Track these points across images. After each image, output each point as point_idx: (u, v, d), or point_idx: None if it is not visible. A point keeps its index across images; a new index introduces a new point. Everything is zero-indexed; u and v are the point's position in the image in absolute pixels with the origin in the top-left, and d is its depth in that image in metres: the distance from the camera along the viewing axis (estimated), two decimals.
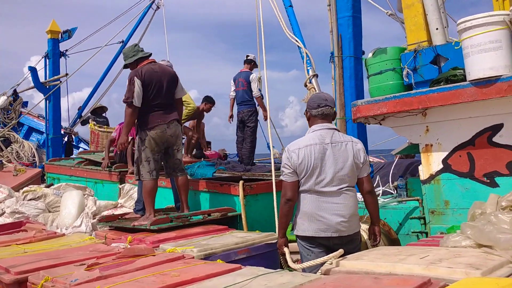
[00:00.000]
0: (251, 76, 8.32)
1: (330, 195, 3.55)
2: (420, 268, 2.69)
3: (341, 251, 3.29)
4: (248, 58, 8.56)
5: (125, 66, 5.79)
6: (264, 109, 8.35)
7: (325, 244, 3.60)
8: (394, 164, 7.60)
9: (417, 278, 2.46)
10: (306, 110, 3.80)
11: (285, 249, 3.75)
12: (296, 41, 7.07)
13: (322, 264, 3.18)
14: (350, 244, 3.64)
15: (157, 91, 5.40)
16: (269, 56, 8.65)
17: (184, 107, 6.93)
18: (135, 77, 5.32)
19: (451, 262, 2.70)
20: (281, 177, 3.70)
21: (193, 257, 3.90)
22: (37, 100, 16.40)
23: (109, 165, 8.03)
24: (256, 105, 8.44)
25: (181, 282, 3.00)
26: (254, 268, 3.23)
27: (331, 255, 3.27)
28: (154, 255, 3.91)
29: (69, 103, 12.96)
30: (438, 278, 2.55)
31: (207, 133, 10.93)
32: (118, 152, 7.73)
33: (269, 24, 6.52)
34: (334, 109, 3.78)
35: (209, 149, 12.73)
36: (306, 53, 6.92)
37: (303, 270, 3.55)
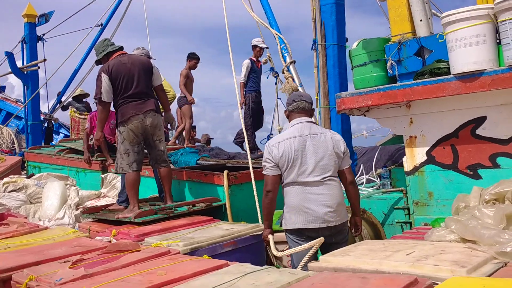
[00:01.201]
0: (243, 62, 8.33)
1: (314, 186, 3.62)
2: (407, 265, 2.72)
3: (321, 239, 3.43)
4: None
5: (98, 62, 5.72)
6: (241, 95, 8.40)
7: (314, 237, 3.63)
8: (378, 149, 7.66)
9: (404, 278, 2.48)
10: (285, 110, 3.97)
11: (270, 237, 3.84)
12: (273, 30, 6.92)
13: (308, 250, 3.32)
14: (339, 235, 3.72)
15: (127, 83, 5.30)
16: None
17: None
18: (102, 73, 5.28)
19: (436, 259, 2.73)
20: (263, 172, 3.78)
21: (179, 252, 3.89)
22: (15, 86, 16.03)
23: (90, 158, 7.99)
24: (246, 92, 8.42)
25: (168, 281, 2.98)
26: (241, 265, 3.23)
27: (311, 242, 3.38)
28: (139, 251, 3.89)
29: (48, 92, 12.75)
30: (424, 275, 2.58)
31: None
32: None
33: (255, 28, 6.46)
34: (312, 105, 3.90)
35: (194, 133, 12.72)
36: (279, 37, 6.81)
37: (292, 264, 3.61)
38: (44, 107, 12.70)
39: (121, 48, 5.59)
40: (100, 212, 5.67)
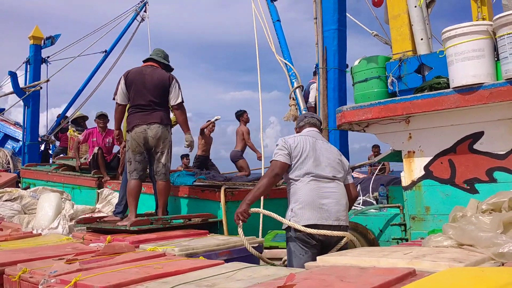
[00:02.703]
0: (311, 85, 8.07)
1: (327, 182, 3.70)
2: (404, 262, 2.71)
3: None
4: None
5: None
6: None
7: (323, 239, 3.59)
8: (372, 180, 7.77)
9: (402, 269, 2.49)
10: (295, 128, 4.18)
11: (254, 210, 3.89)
12: (284, 62, 7.00)
13: (306, 255, 3.42)
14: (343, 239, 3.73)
15: (138, 92, 5.43)
16: (251, 76, 8.66)
17: None
18: (122, 76, 5.49)
19: (434, 257, 2.74)
20: (274, 158, 3.81)
21: (175, 256, 3.87)
22: (13, 110, 16.06)
23: (81, 166, 8.19)
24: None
25: (165, 274, 2.98)
26: (238, 263, 3.23)
27: None
28: (135, 253, 3.87)
29: (48, 118, 12.83)
30: (422, 271, 2.58)
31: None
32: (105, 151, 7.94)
33: (251, 46, 6.56)
34: (321, 124, 4.18)
35: (187, 161, 12.69)
36: (287, 65, 6.92)
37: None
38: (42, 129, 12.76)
39: (151, 59, 5.73)
40: (95, 223, 5.65)
